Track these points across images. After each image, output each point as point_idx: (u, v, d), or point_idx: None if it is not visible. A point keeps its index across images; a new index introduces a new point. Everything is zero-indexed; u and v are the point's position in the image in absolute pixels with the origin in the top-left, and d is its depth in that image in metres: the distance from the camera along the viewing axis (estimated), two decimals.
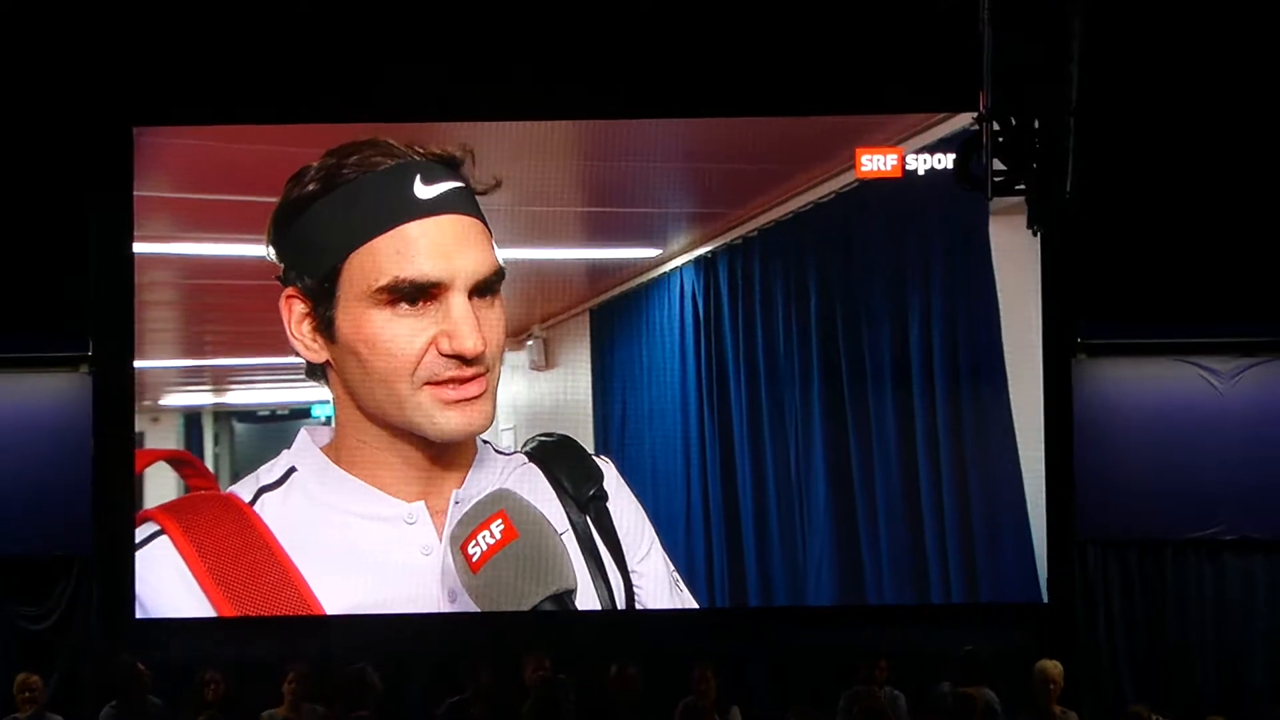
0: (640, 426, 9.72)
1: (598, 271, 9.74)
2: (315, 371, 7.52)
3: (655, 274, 9.82)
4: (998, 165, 7.84)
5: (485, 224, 7.43)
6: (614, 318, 9.78)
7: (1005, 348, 9.85)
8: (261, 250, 8.97)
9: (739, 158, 9.83)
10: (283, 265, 7.41)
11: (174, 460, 9.16)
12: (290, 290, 7.32)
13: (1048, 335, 9.87)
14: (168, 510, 7.59)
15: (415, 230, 7.18)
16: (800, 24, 9.84)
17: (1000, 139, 7.77)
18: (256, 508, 7.48)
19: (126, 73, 9.85)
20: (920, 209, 9.82)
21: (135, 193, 9.76)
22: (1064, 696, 8.92)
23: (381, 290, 7.21)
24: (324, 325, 7.29)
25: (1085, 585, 9.99)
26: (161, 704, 9.11)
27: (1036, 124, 7.77)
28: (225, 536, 7.37)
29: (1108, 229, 9.75)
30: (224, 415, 9.84)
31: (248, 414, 9.87)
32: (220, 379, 9.86)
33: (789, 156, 9.85)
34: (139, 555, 7.56)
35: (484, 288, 7.34)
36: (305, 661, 9.20)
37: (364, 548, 7.57)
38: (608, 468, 8.06)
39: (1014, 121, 7.77)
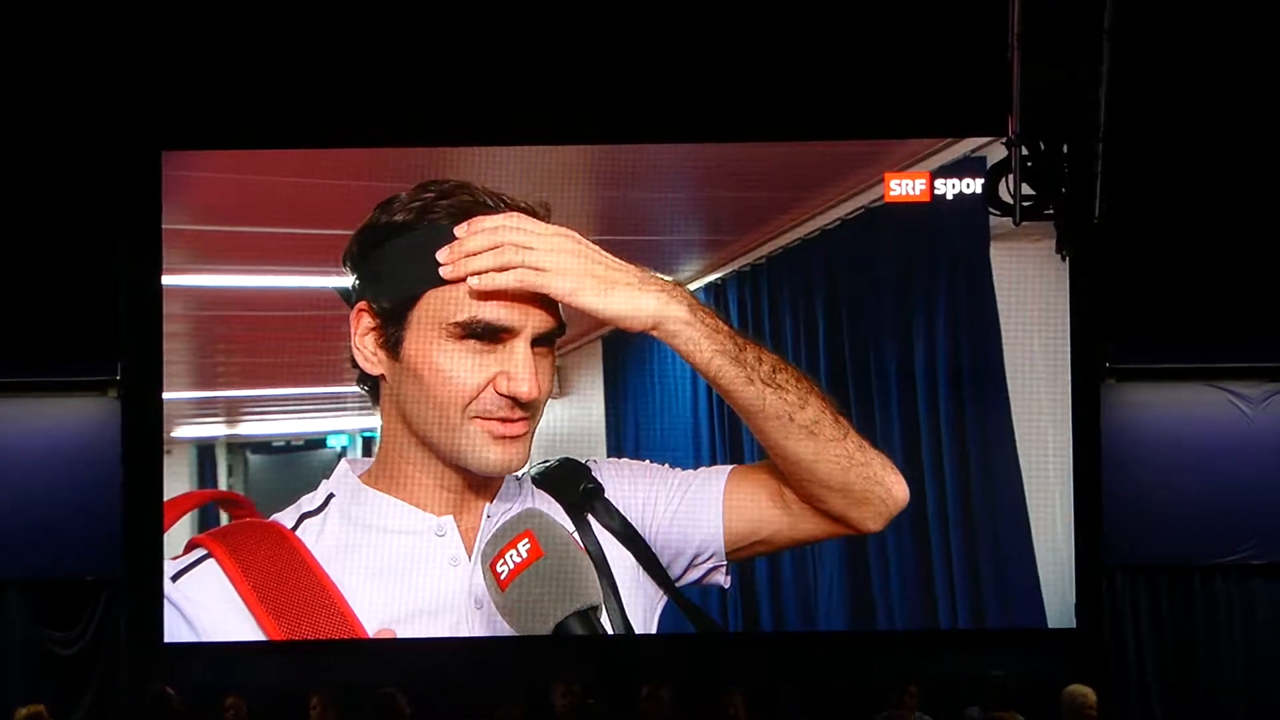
0: (653, 451, 9.73)
1: None
2: (366, 381, 7.76)
3: None
4: (1026, 190, 7.87)
5: None
6: (626, 345, 9.83)
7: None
8: (278, 281, 9.10)
9: (747, 185, 9.86)
10: (356, 280, 7.70)
11: (224, 501, 9.26)
12: (363, 304, 7.65)
13: (1076, 360, 9.85)
14: (214, 536, 7.96)
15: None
16: (824, 49, 9.87)
17: (1029, 163, 7.79)
18: (299, 533, 7.80)
19: (155, 98, 9.89)
20: (924, 235, 9.83)
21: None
22: None
23: (457, 325, 7.59)
24: (390, 343, 7.67)
25: (1114, 610, 9.96)
26: None
27: (1065, 148, 7.78)
28: (268, 558, 7.71)
29: (1136, 254, 9.75)
30: (238, 447, 9.88)
31: (262, 445, 9.91)
32: (233, 410, 9.90)
33: (796, 184, 9.88)
34: (187, 577, 7.78)
35: (545, 339, 7.67)
36: (329, 686, 9.21)
37: (395, 560, 7.88)
38: (595, 464, 8.28)
39: (1043, 146, 7.79)
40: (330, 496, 7.92)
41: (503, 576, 7.16)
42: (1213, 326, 9.86)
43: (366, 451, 9.57)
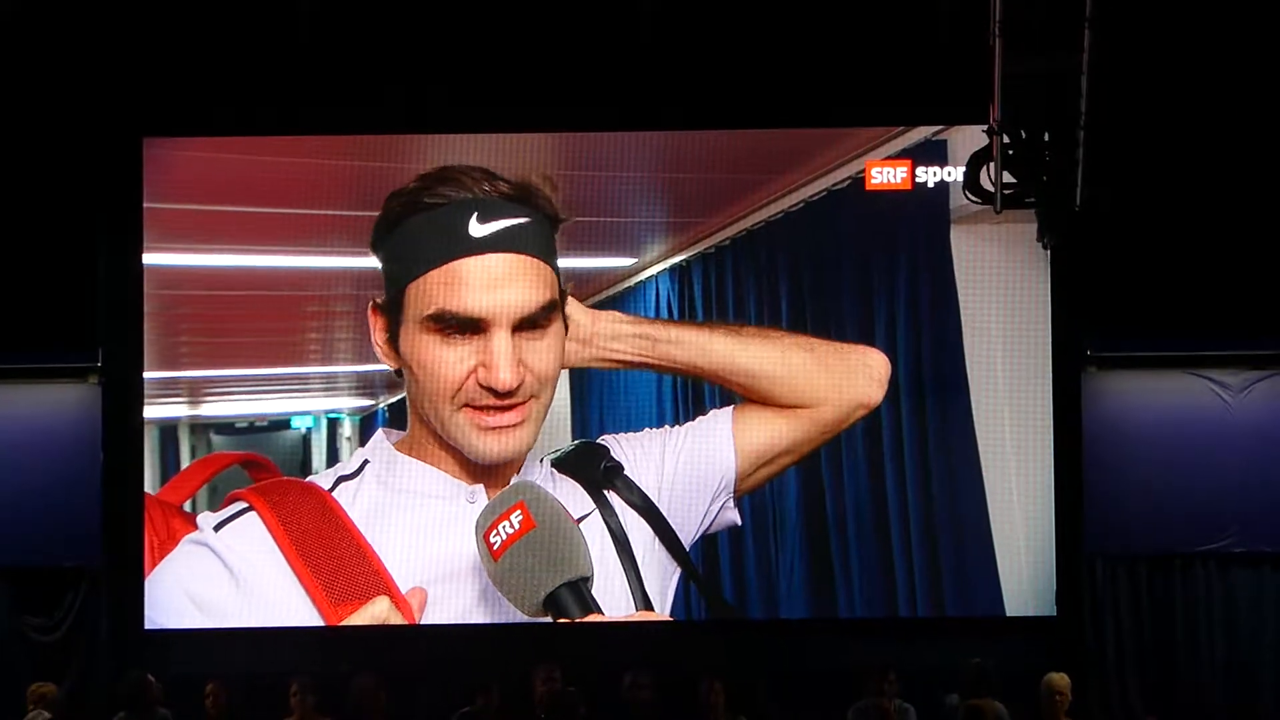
0: (616, 431, 9.73)
1: (574, 280, 9.76)
2: (399, 373, 8.04)
3: (631, 283, 9.88)
4: (1007, 178, 7.86)
5: (545, 258, 7.83)
6: None
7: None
8: (246, 261, 9.41)
9: (712, 167, 9.87)
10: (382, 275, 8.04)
11: (247, 463, 9.29)
12: (373, 302, 7.77)
13: (1057, 348, 9.86)
14: (255, 491, 8.18)
15: (465, 267, 7.81)
16: (806, 37, 9.87)
17: (1010, 151, 7.79)
18: (335, 494, 7.98)
19: (136, 84, 9.87)
20: (887, 218, 9.85)
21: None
22: (1073, 709, 8.91)
23: (429, 318, 7.74)
24: (393, 339, 7.82)
25: (1094, 598, 9.97)
26: (170, 715, 9.11)
27: (1046, 136, 7.78)
28: (308, 515, 7.96)
29: (1118, 242, 9.75)
30: (201, 428, 9.87)
31: (225, 426, 9.89)
32: (197, 391, 9.90)
33: (761, 166, 9.89)
34: (229, 528, 7.93)
35: (529, 322, 7.77)
36: (308, 673, 9.20)
37: (429, 523, 8.10)
38: (610, 441, 8.38)
39: (1024, 134, 7.78)
40: (365, 462, 8.13)
41: (495, 547, 7.36)
42: (1194, 315, 9.87)
43: (330, 434, 9.61)
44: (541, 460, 8.40)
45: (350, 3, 9.78)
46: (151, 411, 9.80)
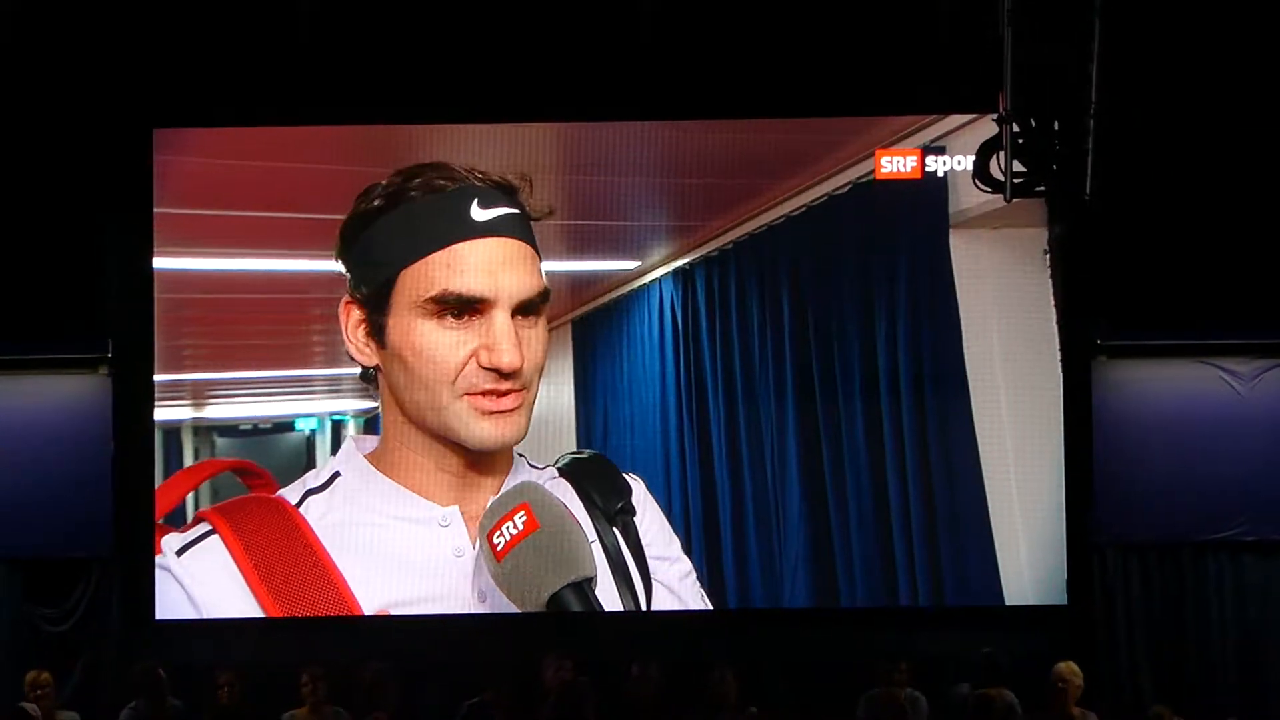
0: (621, 435, 9.78)
1: (579, 284, 9.82)
2: (366, 374, 7.84)
3: (635, 286, 9.92)
4: (1017, 166, 7.86)
5: (535, 249, 7.88)
6: (595, 329, 9.89)
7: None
8: (253, 264, 9.17)
9: (715, 171, 9.88)
10: (348, 275, 7.85)
11: (239, 470, 9.29)
12: (348, 297, 7.71)
13: (1067, 338, 9.86)
14: (220, 511, 8.08)
15: (467, 249, 7.76)
16: (817, 26, 9.86)
17: (1020, 140, 7.78)
18: (302, 510, 7.95)
19: (147, 76, 9.87)
20: (887, 220, 9.87)
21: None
22: (1084, 698, 8.91)
23: (430, 301, 7.73)
24: (376, 331, 7.83)
25: (1104, 587, 9.97)
26: (181, 705, 9.13)
27: (1056, 125, 7.77)
28: (272, 537, 7.86)
29: (1127, 230, 9.74)
30: (204, 430, 9.88)
31: (229, 428, 9.90)
32: (200, 393, 9.90)
33: (764, 170, 9.91)
34: (191, 553, 7.88)
35: (527, 308, 7.83)
36: (319, 663, 9.21)
37: (399, 549, 8.01)
38: (637, 485, 8.41)
39: (1034, 123, 7.78)
40: (336, 475, 8.01)
41: (499, 547, 7.33)
42: (1204, 303, 9.86)
43: (335, 436, 9.61)
44: (540, 467, 8.35)
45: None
46: (155, 414, 9.80)
